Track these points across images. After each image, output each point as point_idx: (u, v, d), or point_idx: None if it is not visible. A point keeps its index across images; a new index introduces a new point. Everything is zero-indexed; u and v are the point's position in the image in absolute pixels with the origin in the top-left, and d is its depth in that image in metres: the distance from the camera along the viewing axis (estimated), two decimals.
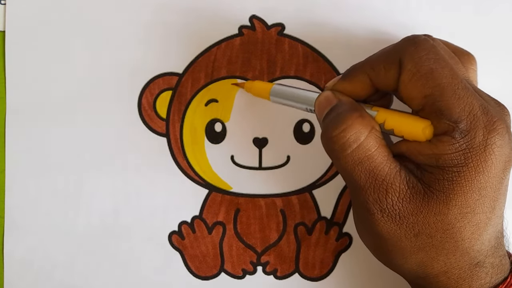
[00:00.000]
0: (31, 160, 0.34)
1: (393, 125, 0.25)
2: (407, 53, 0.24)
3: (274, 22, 0.33)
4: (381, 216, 0.25)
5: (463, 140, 0.23)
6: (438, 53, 0.24)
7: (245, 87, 0.32)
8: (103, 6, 0.34)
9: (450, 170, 0.23)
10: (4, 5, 0.34)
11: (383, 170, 0.25)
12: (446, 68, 0.24)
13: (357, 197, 0.26)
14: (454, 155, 0.23)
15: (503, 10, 0.33)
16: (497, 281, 0.25)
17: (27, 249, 0.34)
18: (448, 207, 0.23)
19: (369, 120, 0.25)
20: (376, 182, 0.24)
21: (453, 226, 0.24)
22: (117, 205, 0.34)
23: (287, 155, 0.33)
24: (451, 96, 0.23)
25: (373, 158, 0.25)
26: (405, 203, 0.24)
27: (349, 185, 0.26)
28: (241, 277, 0.34)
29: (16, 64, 0.34)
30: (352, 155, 0.25)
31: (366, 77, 0.26)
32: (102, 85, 0.34)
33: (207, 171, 0.34)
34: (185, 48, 0.33)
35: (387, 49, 0.26)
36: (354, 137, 0.25)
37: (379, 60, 0.26)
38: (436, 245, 0.24)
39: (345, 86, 0.27)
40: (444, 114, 0.23)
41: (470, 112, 0.23)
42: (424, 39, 0.25)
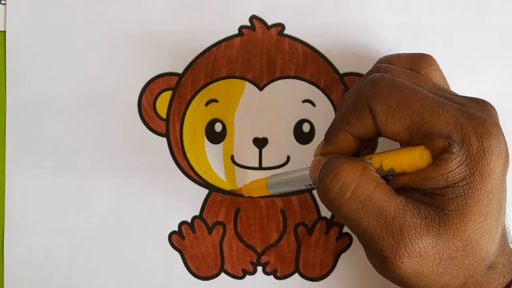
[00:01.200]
0: (31, 160, 0.34)
1: (391, 164, 0.24)
2: (371, 96, 0.24)
3: (274, 22, 0.33)
4: (400, 263, 0.23)
5: (461, 151, 0.23)
6: (399, 82, 0.24)
7: (243, 191, 0.32)
8: (103, 6, 0.34)
9: (459, 184, 0.23)
10: (4, 5, 0.34)
11: (390, 207, 0.23)
12: (413, 93, 0.24)
13: (370, 246, 0.24)
14: (459, 169, 0.23)
15: (503, 10, 0.33)
16: (508, 279, 0.25)
17: (27, 249, 0.34)
18: (465, 223, 0.23)
19: (359, 161, 0.25)
20: (387, 223, 0.23)
21: (471, 240, 0.23)
22: (117, 205, 0.34)
23: (287, 155, 0.33)
24: (431, 116, 0.23)
25: (375, 197, 0.24)
26: (424, 237, 0.23)
27: (357, 234, 0.25)
28: (241, 277, 0.34)
29: (16, 64, 0.34)
30: (352, 199, 0.24)
31: (346, 133, 0.26)
32: (102, 85, 0.34)
33: (207, 171, 0.34)
34: (185, 48, 0.33)
35: (351, 101, 0.25)
36: (349, 179, 0.24)
37: (349, 113, 0.25)
38: (457, 264, 0.24)
39: (330, 149, 0.27)
40: (434, 134, 0.23)
41: (456, 122, 0.23)
42: (380, 75, 0.25)
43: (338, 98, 0.33)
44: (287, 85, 0.33)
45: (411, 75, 0.26)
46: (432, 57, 0.28)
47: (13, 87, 0.34)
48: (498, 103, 0.25)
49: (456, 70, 0.33)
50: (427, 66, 0.28)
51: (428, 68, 0.27)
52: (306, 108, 0.33)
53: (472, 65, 0.33)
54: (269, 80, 0.33)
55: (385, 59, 0.29)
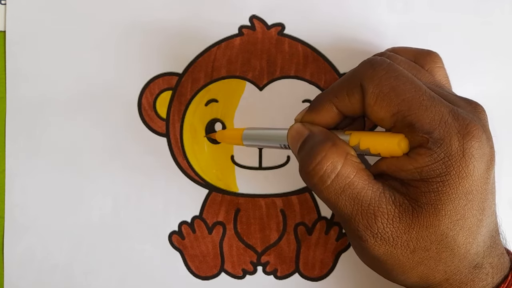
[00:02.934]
0: (31, 160, 0.34)
1: (368, 144, 0.25)
2: (366, 76, 0.25)
3: (274, 22, 0.33)
4: (374, 241, 0.24)
5: (439, 150, 0.23)
6: (396, 70, 0.24)
7: (217, 137, 0.32)
8: (103, 6, 0.34)
9: (433, 180, 0.23)
10: (4, 5, 0.34)
11: (367, 194, 0.24)
12: (407, 83, 0.24)
13: (347, 226, 0.25)
14: (435, 166, 0.23)
15: (503, 10, 0.33)
16: (498, 280, 0.25)
17: (27, 249, 0.34)
18: (438, 218, 0.23)
19: (343, 147, 0.25)
20: (362, 208, 0.24)
21: (446, 235, 0.24)
22: (117, 205, 0.34)
23: (287, 155, 0.34)
24: (418, 108, 0.23)
25: (354, 184, 0.25)
26: (396, 223, 0.24)
27: (336, 215, 0.26)
28: (241, 277, 0.34)
29: (16, 64, 0.34)
30: (332, 186, 0.25)
31: (332, 105, 0.26)
32: (102, 85, 0.34)
33: (207, 171, 0.34)
34: (185, 48, 0.33)
35: (347, 76, 0.26)
36: (331, 167, 0.25)
37: (341, 87, 0.26)
38: (434, 256, 0.24)
39: (313, 117, 0.27)
40: (416, 126, 0.23)
41: (441, 120, 0.23)
42: (381, 59, 0.25)
43: None
44: (287, 85, 0.33)
45: (412, 67, 0.26)
46: (438, 55, 0.28)
47: (13, 87, 0.34)
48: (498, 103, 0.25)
49: (456, 70, 0.33)
50: (431, 62, 0.28)
51: (433, 64, 0.28)
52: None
53: (472, 65, 0.33)
54: (269, 80, 0.33)
55: (392, 49, 0.29)
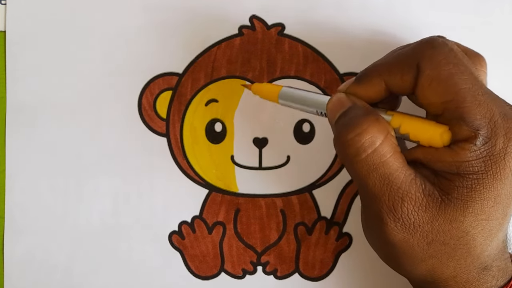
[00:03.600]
0: (31, 160, 0.34)
1: (409, 130, 0.24)
2: (425, 57, 0.24)
3: (274, 22, 0.33)
4: (394, 226, 0.24)
5: (484, 147, 0.22)
6: (457, 56, 0.24)
7: (253, 89, 0.31)
8: (103, 6, 0.34)
9: (470, 177, 0.23)
10: (4, 5, 0.34)
11: (399, 177, 0.24)
12: (466, 73, 0.23)
13: (370, 205, 0.25)
14: (475, 162, 0.23)
15: (503, 10, 0.33)
16: (501, 284, 0.25)
17: (27, 249, 0.34)
18: (465, 214, 0.23)
19: (384, 125, 0.25)
20: (391, 189, 0.24)
21: (467, 233, 0.23)
22: (117, 205, 0.34)
23: (287, 155, 0.34)
24: (472, 102, 0.23)
25: (388, 164, 0.24)
26: (421, 211, 0.23)
27: (361, 191, 0.26)
28: (241, 277, 0.34)
29: (17, 64, 0.34)
30: (366, 160, 0.24)
31: (381, 80, 0.25)
32: (102, 85, 0.34)
33: (207, 171, 0.34)
34: (185, 48, 0.33)
35: (403, 52, 0.25)
36: (370, 142, 0.24)
37: (395, 63, 0.25)
38: (448, 252, 0.24)
39: (359, 89, 0.26)
40: (465, 120, 0.23)
41: (491, 118, 0.23)
42: (442, 41, 0.24)
43: None
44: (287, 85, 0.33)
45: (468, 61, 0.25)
46: (485, 59, 0.27)
47: (13, 87, 0.34)
48: None
49: None
50: (478, 65, 0.27)
51: (479, 67, 0.27)
52: None
53: None
54: (269, 80, 0.33)
55: None
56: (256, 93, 0.31)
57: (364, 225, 0.27)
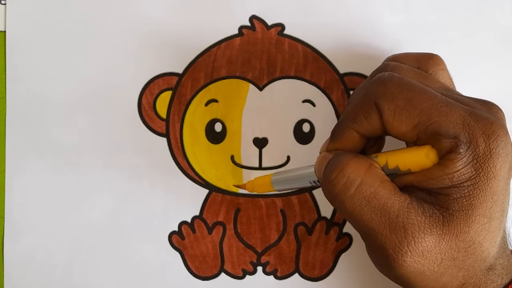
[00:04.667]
0: (31, 160, 0.34)
1: (396, 162, 0.24)
2: (379, 94, 0.24)
3: (274, 22, 0.33)
4: (402, 261, 0.23)
5: (468, 152, 0.23)
6: (407, 82, 0.24)
7: (247, 188, 0.32)
8: (103, 6, 0.34)
9: (465, 185, 0.23)
10: (4, 5, 0.34)
11: (394, 205, 0.23)
12: (421, 93, 0.24)
13: (372, 242, 0.24)
14: (465, 169, 0.23)
15: (503, 10, 0.33)
16: (506, 281, 0.25)
17: (27, 249, 0.34)
18: (469, 224, 0.23)
19: (365, 158, 0.25)
20: (390, 220, 0.23)
21: (474, 241, 0.23)
22: (117, 205, 0.34)
23: (287, 155, 0.33)
24: (438, 116, 0.23)
25: (380, 194, 0.24)
26: (427, 236, 0.23)
27: (360, 231, 0.25)
28: (241, 277, 0.34)
29: (17, 64, 0.34)
30: (356, 195, 0.24)
31: (352, 131, 0.26)
32: (102, 85, 0.34)
33: (207, 171, 0.34)
34: (185, 48, 0.33)
35: (359, 99, 0.25)
36: (354, 175, 0.24)
37: (356, 111, 0.25)
38: (458, 265, 0.24)
39: (337, 145, 0.27)
40: (441, 134, 0.23)
41: (464, 123, 0.23)
42: (389, 74, 0.25)
43: (338, 98, 0.33)
44: (287, 85, 0.33)
45: (419, 74, 0.26)
46: (439, 57, 0.28)
47: (13, 87, 0.34)
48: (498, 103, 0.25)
49: (456, 70, 0.33)
50: (435, 65, 0.27)
51: (436, 67, 0.27)
52: (306, 108, 0.33)
53: (472, 65, 0.33)
54: (269, 80, 0.33)
55: (392, 58, 0.29)
56: (252, 191, 0.32)
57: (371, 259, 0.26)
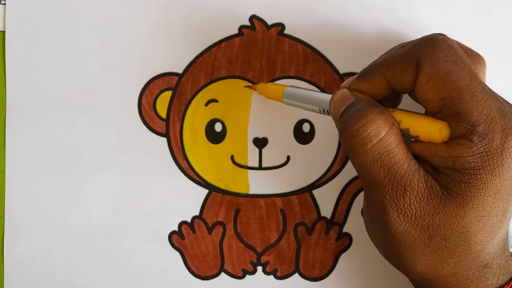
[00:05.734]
0: (31, 160, 0.34)
1: (409, 125, 0.25)
2: (425, 54, 0.24)
3: (274, 22, 0.33)
4: (396, 216, 0.24)
5: (480, 144, 0.23)
6: (456, 54, 0.24)
7: (258, 89, 0.32)
8: (103, 7, 0.34)
9: (466, 172, 0.23)
10: (4, 5, 0.34)
11: (403, 167, 0.24)
12: (464, 70, 0.23)
13: (373, 195, 0.25)
14: (471, 158, 0.23)
15: (503, 10, 0.33)
16: (502, 282, 0.25)
17: (27, 249, 0.34)
18: (465, 210, 0.23)
19: (389, 117, 0.25)
20: (394, 179, 0.24)
21: (468, 229, 0.23)
22: (117, 205, 0.34)
23: (287, 155, 0.33)
24: (469, 99, 0.23)
25: (393, 154, 0.24)
26: (423, 203, 0.24)
27: (365, 181, 0.26)
28: (241, 277, 0.34)
29: (16, 64, 0.34)
30: (372, 150, 0.24)
31: (383, 77, 0.26)
32: (102, 85, 0.34)
33: (207, 171, 0.34)
34: (185, 48, 0.33)
35: (404, 50, 0.25)
36: (376, 132, 0.24)
37: (396, 61, 0.25)
38: (449, 247, 0.24)
39: (362, 85, 0.26)
40: (462, 117, 0.23)
41: (488, 115, 0.23)
42: (442, 39, 0.25)
43: None
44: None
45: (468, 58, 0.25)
46: (484, 60, 0.28)
47: (13, 87, 0.34)
48: None
49: None
50: (478, 64, 0.27)
51: (478, 67, 0.27)
52: None
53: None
54: (269, 80, 0.33)
55: None
56: (261, 92, 0.32)
57: (365, 217, 0.27)
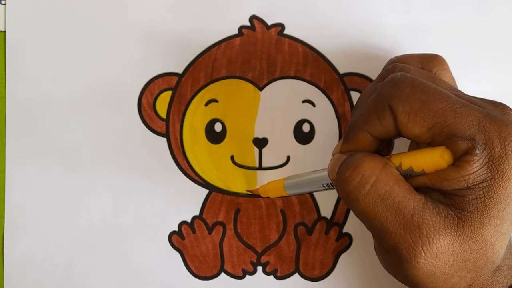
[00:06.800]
0: (31, 160, 0.34)
1: (410, 163, 0.24)
2: (393, 96, 0.24)
3: (274, 22, 0.33)
4: (416, 263, 0.23)
5: (484, 154, 0.22)
6: (421, 83, 0.24)
7: (260, 192, 0.32)
8: (103, 7, 0.34)
9: (480, 186, 0.23)
10: (4, 5, 0.34)
11: (409, 205, 0.23)
12: (435, 94, 0.23)
13: (384, 242, 0.24)
14: (481, 171, 0.22)
15: (503, 10, 0.33)
16: (511, 282, 0.25)
17: (27, 249, 0.34)
18: (482, 225, 0.23)
19: (380, 157, 0.25)
20: (405, 220, 0.23)
21: (486, 243, 0.23)
22: (117, 205, 0.34)
23: (287, 155, 0.33)
24: (454, 117, 0.23)
25: (395, 192, 0.23)
26: (442, 237, 0.23)
27: (373, 229, 0.24)
28: (241, 277, 0.34)
29: (17, 64, 0.34)
30: (371, 193, 0.24)
31: (365, 133, 0.25)
32: (102, 85, 0.34)
33: (207, 171, 0.34)
34: (185, 48, 0.33)
35: (372, 100, 0.25)
36: (369, 172, 0.24)
37: (370, 113, 0.25)
38: (469, 266, 0.23)
39: (349, 148, 0.26)
40: (456, 135, 0.23)
41: (479, 124, 0.23)
42: (402, 75, 0.25)
43: (338, 98, 0.33)
44: (287, 85, 0.33)
45: (428, 76, 0.26)
46: (442, 57, 0.28)
47: (13, 87, 0.34)
48: None
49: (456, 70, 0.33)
50: (438, 66, 0.27)
51: (439, 68, 0.27)
52: (306, 108, 0.33)
53: (472, 66, 0.33)
54: (269, 80, 0.33)
55: (396, 59, 0.29)
56: (265, 195, 0.32)
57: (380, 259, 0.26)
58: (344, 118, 0.33)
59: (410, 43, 0.33)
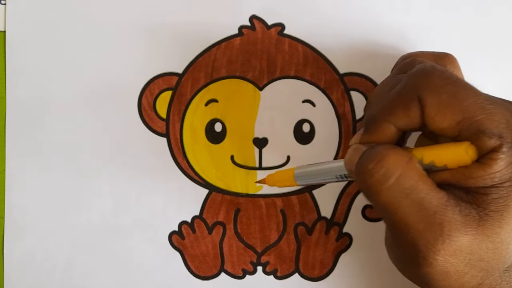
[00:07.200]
0: (31, 160, 0.34)
1: (432, 158, 0.23)
2: (423, 87, 0.23)
3: (274, 22, 0.33)
4: (432, 259, 0.22)
5: (510, 152, 0.22)
6: (451, 75, 0.23)
7: (267, 181, 0.30)
8: (103, 6, 0.34)
9: (504, 185, 0.22)
10: (4, 5, 0.34)
11: (432, 201, 0.22)
12: (465, 88, 0.23)
13: (402, 237, 0.23)
14: (507, 169, 0.22)
15: (503, 10, 0.33)
16: None
17: (27, 249, 0.34)
18: (502, 225, 0.22)
19: (405, 150, 0.24)
20: (427, 216, 0.22)
21: (502, 243, 0.23)
22: (117, 205, 0.34)
23: (287, 155, 0.33)
24: (483, 113, 0.22)
25: (419, 188, 0.23)
26: (461, 235, 0.22)
27: (391, 224, 0.24)
28: (241, 277, 0.34)
29: (16, 64, 0.34)
30: (395, 187, 0.23)
31: (388, 124, 0.24)
32: (102, 85, 0.34)
33: (207, 171, 0.34)
34: (185, 48, 0.33)
35: (398, 90, 0.24)
36: (394, 166, 0.23)
37: (395, 103, 0.24)
38: (483, 265, 0.23)
39: (371, 138, 0.25)
40: (485, 132, 0.22)
41: (507, 122, 0.22)
42: (431, 66, 0.24)
43: (338, 98, 0.33)
44: (287, 85, 0.33)
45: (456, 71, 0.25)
46: (454, 57, 0.28)
47: (13, 87, 0.34)
48: None
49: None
50: (450, 64, 0.27)
51: (451, 66, 0.27)
52: (306, 108, 0.33)
53: (473, 66, 0.33)
54: (269, 80, 0.33)
55: (408, 56, 0.28)
56: (273, 184, 0.30)
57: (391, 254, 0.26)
58: (344, 118, 0.33)
59: (410, 43, 0.33)
